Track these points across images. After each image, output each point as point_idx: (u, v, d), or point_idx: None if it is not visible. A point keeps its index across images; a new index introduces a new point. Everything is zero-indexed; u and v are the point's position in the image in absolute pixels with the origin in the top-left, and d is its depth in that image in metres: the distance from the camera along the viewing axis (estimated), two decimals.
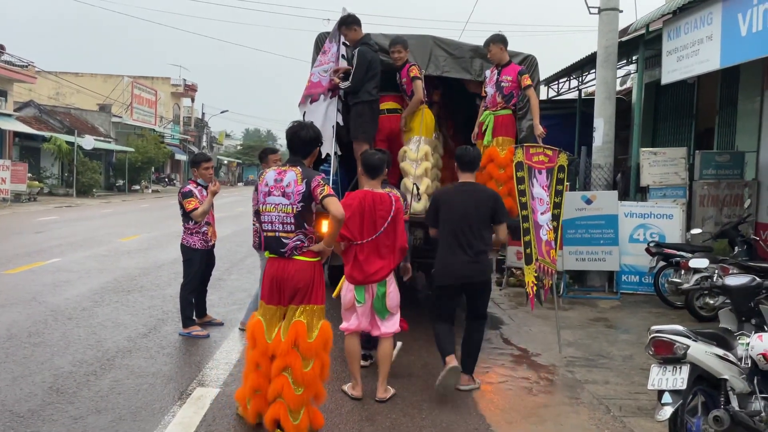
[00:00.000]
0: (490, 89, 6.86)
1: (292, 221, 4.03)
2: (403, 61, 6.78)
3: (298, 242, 4.06)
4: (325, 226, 4.85)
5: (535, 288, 6.25)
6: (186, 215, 6.45)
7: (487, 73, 6.96)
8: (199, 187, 6.55)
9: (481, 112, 7.00)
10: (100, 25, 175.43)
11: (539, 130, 6.62)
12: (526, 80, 6.66)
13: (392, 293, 4.90)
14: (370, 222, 4.79)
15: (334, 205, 3.97)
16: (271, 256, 4.14)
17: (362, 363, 5.24)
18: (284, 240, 4.06)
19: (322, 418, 4.16)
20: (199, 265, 6.56)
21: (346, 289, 4.94)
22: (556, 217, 6.66)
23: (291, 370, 3.94)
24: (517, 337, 7.04)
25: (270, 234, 4.11)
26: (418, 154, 6.66)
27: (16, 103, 31.31)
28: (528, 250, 6.31)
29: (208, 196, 6.48)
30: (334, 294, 5.26)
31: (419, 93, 6.67)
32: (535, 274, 6.29)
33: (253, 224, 6.44)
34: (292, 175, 4.06)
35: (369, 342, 5.42)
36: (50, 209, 22.83)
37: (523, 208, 6.35)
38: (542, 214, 6.49)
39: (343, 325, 4.97)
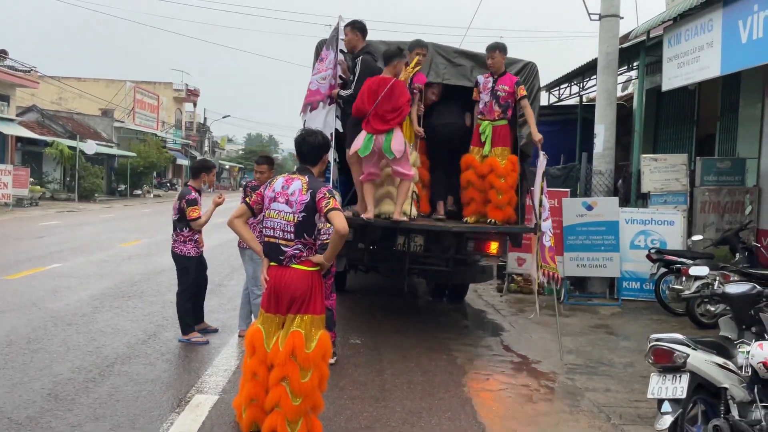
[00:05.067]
0: (485, 96, 6.89)
1: (292, 230, 4.02)
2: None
3: (297, 251, 4.04)
4: None
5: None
6: (181, 222, 6.43)
7: (480, 78, 6.96)
8: (198, 195, 6.57)
9: (476, 117, 7.03)
10: (103, 30, 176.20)
11: (538, 136, 6.73)
12: (522, 91, 6.81)
13: (397, 138, 6.14)
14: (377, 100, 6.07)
15: (339, 219, 3.91)
16: (272, 264, 4.14)
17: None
18: (283, 248, 4.05)
19: (321, 427, 4.13)
20: (195, 272, 6.58)
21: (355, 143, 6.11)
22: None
23: (289, 380, 3.91)
24: (518, 344, 7.02)
25: (270, 240, 4.10)
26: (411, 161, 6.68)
27: (19, 108, 31.36)
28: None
29: (211, 207, 6.51)
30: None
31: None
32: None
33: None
34: (298, 184, 4.06)
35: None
36: (52, 214, 22.84)
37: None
38: (544, 220, 6.61)
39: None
